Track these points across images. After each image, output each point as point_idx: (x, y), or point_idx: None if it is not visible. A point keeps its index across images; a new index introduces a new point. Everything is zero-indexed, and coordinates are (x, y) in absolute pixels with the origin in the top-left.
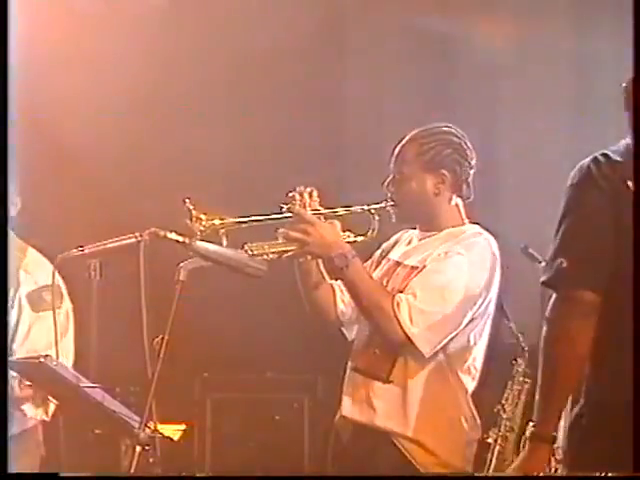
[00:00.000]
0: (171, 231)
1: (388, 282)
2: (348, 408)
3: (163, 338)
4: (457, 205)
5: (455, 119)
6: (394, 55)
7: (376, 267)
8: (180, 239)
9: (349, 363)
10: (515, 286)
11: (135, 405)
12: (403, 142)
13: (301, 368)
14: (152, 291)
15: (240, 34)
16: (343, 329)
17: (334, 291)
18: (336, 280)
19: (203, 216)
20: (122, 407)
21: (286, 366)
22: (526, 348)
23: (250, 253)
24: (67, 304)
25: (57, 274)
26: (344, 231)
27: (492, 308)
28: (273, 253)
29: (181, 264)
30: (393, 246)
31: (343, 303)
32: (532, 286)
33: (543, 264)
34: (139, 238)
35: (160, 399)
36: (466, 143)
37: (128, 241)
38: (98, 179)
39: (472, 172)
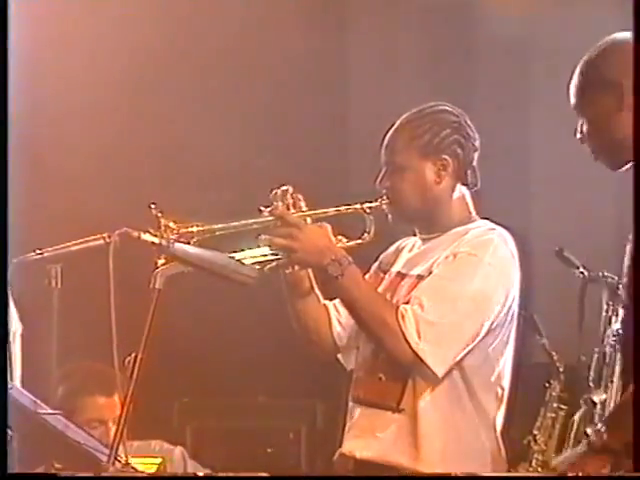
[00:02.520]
0: (145, 231)
1: (392, 297)
2: (348, 444)
3: (136, 356)
4: (463, 196)
5: (476, 101)
6: (401, 30)
7: (376, 281)
8: (156, 240)
9: (350, 393)
10: (549, 296)
11: None
12: (393, 128)
13: (298, 392)
14: (123, 302)
15: (230, 12)
16: (340, 356)
17: (328, 311)
18: (331, 300)
19: (172, 224)
20: (88, 437)
21: (280, 389)
22: (561, 369)
23: None
24: (15, 325)
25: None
26: (336, 235)
27: (514, 315)
28: (254, 264)
29: (158, 270)
30: (393, 256)
31: (340, 325)
32: (569, 296)
33: (583, 271)
34: (108, 239)
35: (133, 427)
36: (466, 121)
37: (95, 243)
38: (64, 174)
39: (476, 155)
